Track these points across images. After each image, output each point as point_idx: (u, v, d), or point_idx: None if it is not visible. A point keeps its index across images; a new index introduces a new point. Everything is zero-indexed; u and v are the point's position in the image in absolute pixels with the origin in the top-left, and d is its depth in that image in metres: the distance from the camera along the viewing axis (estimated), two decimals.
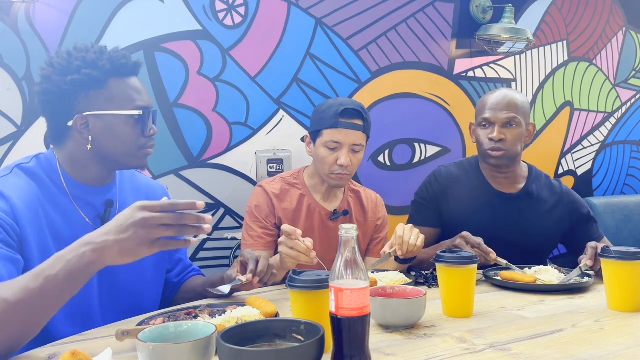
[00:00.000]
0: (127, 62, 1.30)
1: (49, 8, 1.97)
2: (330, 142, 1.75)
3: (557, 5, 2.99)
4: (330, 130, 1.74)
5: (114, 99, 1.28)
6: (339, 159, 1.74)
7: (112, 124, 1.28)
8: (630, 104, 3.27)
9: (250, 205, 1.85)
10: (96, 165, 1.32)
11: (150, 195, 1.50)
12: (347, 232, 0.90)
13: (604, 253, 1.30)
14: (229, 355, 0.82)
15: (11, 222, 1.18)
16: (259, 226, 1.81)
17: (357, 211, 1.93)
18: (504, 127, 1.87)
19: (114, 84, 1.28)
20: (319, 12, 2.42)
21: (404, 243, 1.59)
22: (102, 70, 1.26)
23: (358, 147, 1.77)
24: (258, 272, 1.32)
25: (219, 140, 2.27)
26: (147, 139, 1.33)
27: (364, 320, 0.89)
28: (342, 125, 1.73)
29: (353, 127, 1.75)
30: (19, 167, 1.29)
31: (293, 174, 1.92)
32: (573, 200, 1.98)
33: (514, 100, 1.88)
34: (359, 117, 1.75)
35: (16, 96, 1.95)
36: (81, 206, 1.31)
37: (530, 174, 1.99)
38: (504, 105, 1.87)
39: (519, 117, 1.87)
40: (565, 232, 1.97)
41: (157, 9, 2.14)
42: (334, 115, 1.73)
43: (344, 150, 1.74)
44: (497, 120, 1.86)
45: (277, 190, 1.85)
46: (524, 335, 1.11)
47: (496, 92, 1.93)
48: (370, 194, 1.98)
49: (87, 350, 0.91)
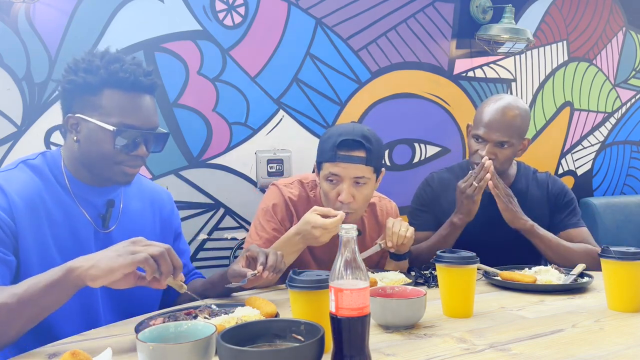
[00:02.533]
0: (127, 77, 1.26)
1: (49, 8, 1.97)
2: (330, 175, 1.60)
3: (557, 5, 2.99)
4: (329, 163, 1.60)
5: (102, 109, 1.26)
6: (340, 195, 1.60)
7: (93, 131, 1.27)
8: (630, 104, 3.27)
9: (267, 203, 1.73)
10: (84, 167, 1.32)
11: (154, 200, 1.50)
12: (347, 232, 0.90)
13: (604, 253, 1.30)
14: (229, 355, 0.82)
15: (7, 219, 1.19)
16: (272, 227, 1.69)
17: (370, 227, 1.82)
18: (496, 147, 1.85)
19: (107, 94, 1.27)
20: (319, 12, 2.42)
21: (393, 234, 1.59)
22: (99, 78, 1.26)
23: (362, 180, 1.59)
24: (268, 265, 1.30)
25: (219, 140, 2.27)
26: (128, 157, 1.29)
27: (364, 320, 0.89)
28: (340, 158, 1.57)
29: (352, 160, 1.58)
30: (24, 163, 1.31)
31: (311, 183, 1.78)
32: (556, 189, 1.98)
33: (512, 121, 1.83)
34: (359, 148, 1.58)
35: (16, 96, 1.95)
36: (83, 205, 1.32)
37: (518, 171, 2.00)
38: (500, 126, 1.83)
39: (513, 139, 1.85)
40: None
41: (157, 9, 2.14)
42: (331, 148, 1.58)
43: (344, 185, 1.59)
44: (490, 140, 1.84)
45: (295, 197, 1.74)
46: (524, 335, 1.11)
47: (495, 106, 1.86)
48: (386, 204, 1.87)
49: (87, 350, 0.92)
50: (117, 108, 1.27)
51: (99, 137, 1.27)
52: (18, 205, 1.21)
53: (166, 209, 1.52)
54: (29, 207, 1.23)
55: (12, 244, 1.20)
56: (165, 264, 1.06)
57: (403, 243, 1.61)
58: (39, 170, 1.29)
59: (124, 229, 1.38)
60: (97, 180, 1.34)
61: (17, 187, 1.23)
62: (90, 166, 1.31)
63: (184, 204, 2.21)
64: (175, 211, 1.57)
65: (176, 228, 1.55)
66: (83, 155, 1.30)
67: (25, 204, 1.23)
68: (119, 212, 1.39)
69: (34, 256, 1.22)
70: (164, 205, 1.52)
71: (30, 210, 1.23)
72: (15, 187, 1.23)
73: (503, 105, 1.86)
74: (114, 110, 1.27)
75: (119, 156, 1.28)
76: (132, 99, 1.28)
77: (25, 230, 1.21)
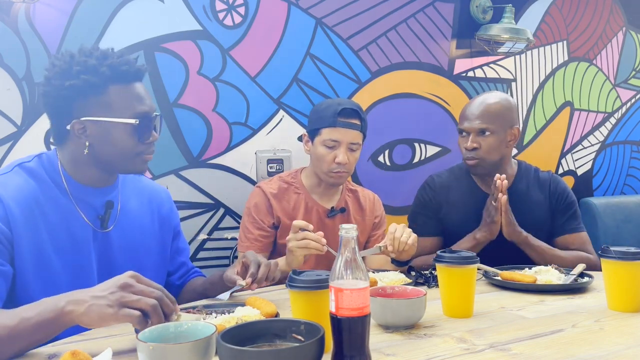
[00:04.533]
0: (129, 69, 1.28)
1: (49, 8, 1.97)
2: (329, 141, 1.79)
3: (557, 5, 2.99)
4: (329, 129, 1.79)
5: (113, 106, 1.26)
6: (337, 157, 1.78)
7: (109, 130, 1.27)
8: (630, 104, 3.27)
9: (249, 206, 1.89)
10: (95, 168, 1.32)
11: (153, 198, 1.50)
12: (347, 232, 0.90)
13: (604, 253, 1.30)
14: (229, 355, 0.82)
15: (3, 228, 1.18)
16: (256, 227, 1.85)
17: (354, 210, 1.95)
18: (478, 136, 1.89)
19: (113, 91, 1.27)
20: (319, 12, 2.42)
21: (395, 239, 1.61)
22: (102, 76, 1.25)
23: (355, 146, 1.81)
24: (258, 278, 1.31)
25: (219, 140, 2.27)
26: (145, 145, 1.31)
27: (364, 320, 0.89)
28: (341, 124, 1.78)
29: (351, 126, 1.79)
30: (20, 166, 1.29)
31: (291, 174, 1.95)
32: (558, 190, 1.97)
33: (487, 108, 1.89)
34: (356, 116, 1.80)
35: (16, 96, 1.95)
36: (81, 207, 1.31)
37: (519, 170, 2.00)
38: (477, 115, 1.89)
39: (494, 125, 1.88)
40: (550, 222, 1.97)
41: (157, 9, 2.14)
42: (332, 115, 1.78)
43: (341, 149, 1.79)
44: (471, 130, 1.90)
45: (275, 190, 1.88)
46: (524, 335, 1.11)
47: (475, 99, 1.95)
48: (368, 193, 2.01)
49: (87, 350, 0.91)
50: (128, 101, 1.28)
51: (118, 134, 1.27)
52: (14, 212, 1.20)
53: (165, 207, 1.52)
54: (25, 212, 1.22)
55: (8, 252, 1.19)
56: (167, 307, 1.00)
57: (404, 250, 1.62)
58: (35, 173, 1.28)
59: (122, 229, 1.38)
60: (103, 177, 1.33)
61: (13, 192, 1.22)
62: (105, 165, 1.30)
63: (184, 204, 2.21)
64: (174, 209, 1.56)
65: (175, 226, 1.55)
66: (97, 156, 1.29)
67: (21, 209, 1.22)
68: (117, 212, 1.38)
69: (29, 262, 1.21)
70: (162, 203, 1.51)
71: (27, 215, 1.22)
72: (11, 192, 1.22)
73: (481, 97, 1.95)
74: (126, 104, 1.27)
75: (139, 147, 1.30)
76: (135, 88, 1.30)
77: (21, 237, 1.20)
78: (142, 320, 0.98)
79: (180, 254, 1.57)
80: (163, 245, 1.49)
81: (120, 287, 1.00)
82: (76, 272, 1.28)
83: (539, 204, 1.94)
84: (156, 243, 1.47)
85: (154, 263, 1.45)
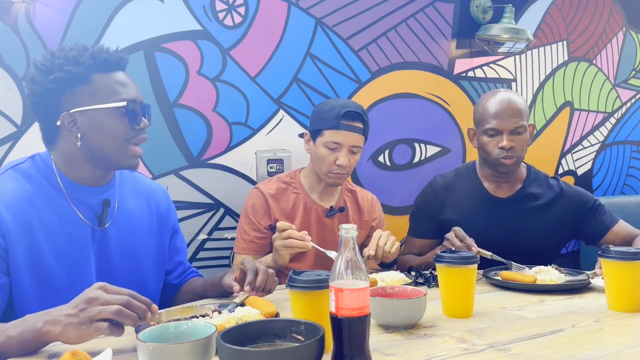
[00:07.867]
0: (109, 57, 1.29)
1: (49, 8, 1.97)
2: (331, 143, 1.79)
3: (557, 5, 2.99)
4: (331, 131, 1.78)
5: (98, 94, 1.27)
6: (337, 159, 1.78)
7: (98, 118, 1.27)
8: (630, 104, 3.27)
9: (246, 207, 1.89)
10: (89, 165, 1.31)
11: (150, 196, 1.49)
12: (347, 232, 0.90)
13: (604, 253, 1.30)
14: (229, 355, 0.82)
15: None
16: (252, 228, 1.85)
17: (353, 210, 1.95)
18: (512, 135, 1.86)
19: (97, 79, 1.27)
20: (319, 12, 2.42)
21: (378, 247, 1.64)
22: (84, 65, 1.25)
23: (356, 149, 1.81)
24: (256, 286, 1.30)
25: (219, 140, 2.27)
26: (135, 131, 1.31)
27: (364, 320, 0.89)
28: (343, 127, 1.77)
29: (353, 129, 1.78)
30: (14, 169, 1.28)
31: (289, 174, 1.96)
32: (574, 196, 1.96)
33: (518, 106, 1.87)
34: (359, 119, 1.79)
35: (16, 96, 1.95)
36: (78, 206, 1.30)
37: (528, 174, 1.99)
38: (510, 113, 1.85)
39: (525, 122, 1.88)
40: (574, 229, 1.96)
41: (157, 9, 2.13)
42: (335, 117, 1.77)
43: (343, 151, 1.78)
44: (506, 129, 1.85)
45: (273, 190, 1.88)
46: (524, 335, 1.11)
47: (497, 98, 1.89)
48: (366, 194, 2.01)
49: (87, 350, 0.92)
50: (112, 87, 1.28)
51: (107, 120, 1.27)
52: (7, 220, 1.19)
53: (163, 205, 1.52)
54: (19, 217, 1.21)
55: (4, 262, 1.19)
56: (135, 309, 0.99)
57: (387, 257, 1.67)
58: (29, 175, 1.27)
59: (120, 227, 1.37)
60: (99, 175, 1.33)
61: (6, 198, 1.22)
62: (98, 156, 1.30)
63: (184, 204, 2.21)
64: (172, 207, 1.56)
65: (173, 224, 1.55)
66: (89, 148, 1.28)
67: (15, 215, 1.21)
68: (115, 210, 1.38)
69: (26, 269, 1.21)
70: (160, 201, 1.51)
71: (21, 220, 1.22)
72: (4, 198, 1.22)
73: (505, 95, 1.90)
74: (111, 90, 1.28)
75: (129, 132, 1.29)
76: (118, 76, 1.31)
77: (16, 243, 1.20)
78: (114, 329, 0.99)
79: (178, 253, 1.56)
80: (161, 244, 1.49)
81: (87, 302, 1.00)
82: (74, 274, 1.28)
83: (548, 208, 1.94)
84: (154, 241, 1.47)
85: (152, 261, 1.45)
